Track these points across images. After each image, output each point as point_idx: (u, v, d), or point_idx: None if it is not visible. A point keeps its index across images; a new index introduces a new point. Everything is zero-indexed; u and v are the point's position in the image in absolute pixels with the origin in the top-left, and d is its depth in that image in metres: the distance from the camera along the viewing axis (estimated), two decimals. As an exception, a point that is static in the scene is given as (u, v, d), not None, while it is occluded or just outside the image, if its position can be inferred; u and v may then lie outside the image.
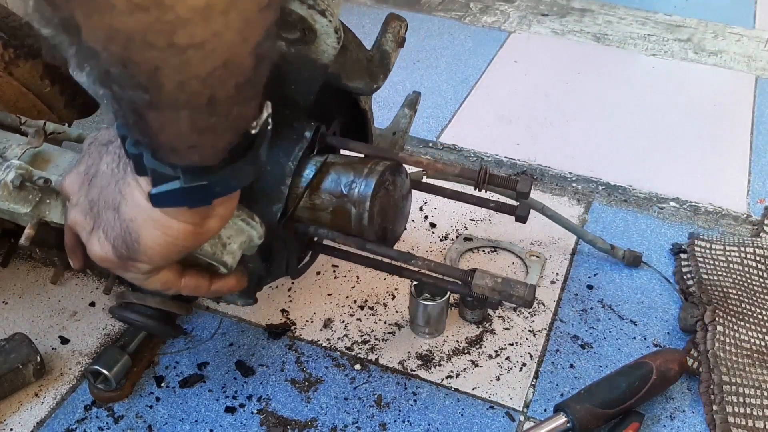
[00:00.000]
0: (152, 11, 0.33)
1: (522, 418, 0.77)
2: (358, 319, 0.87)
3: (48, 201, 0.65)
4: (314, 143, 0.67)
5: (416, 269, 0.71)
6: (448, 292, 0.83)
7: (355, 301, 0.90)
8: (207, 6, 0.33)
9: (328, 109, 0.72)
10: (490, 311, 0.88)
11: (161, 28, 0.34)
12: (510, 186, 0.69)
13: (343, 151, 0.78)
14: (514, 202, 0.74)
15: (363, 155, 0.72)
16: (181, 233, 0.49)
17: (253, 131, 0.46)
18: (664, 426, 0.76)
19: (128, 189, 0.49)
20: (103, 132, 0.56)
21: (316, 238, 0.75)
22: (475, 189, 0.71)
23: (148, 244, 0.50)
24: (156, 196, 0.46)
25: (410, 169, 0.93)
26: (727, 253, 0.95)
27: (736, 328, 0.85)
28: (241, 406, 0.77)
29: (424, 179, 0.94)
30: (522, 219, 0.69)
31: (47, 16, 0.36)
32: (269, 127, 0.48)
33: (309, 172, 0.67)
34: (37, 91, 0.85)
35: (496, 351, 0.84)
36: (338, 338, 0.85)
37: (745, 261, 0.94)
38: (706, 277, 0.92)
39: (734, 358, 0.81)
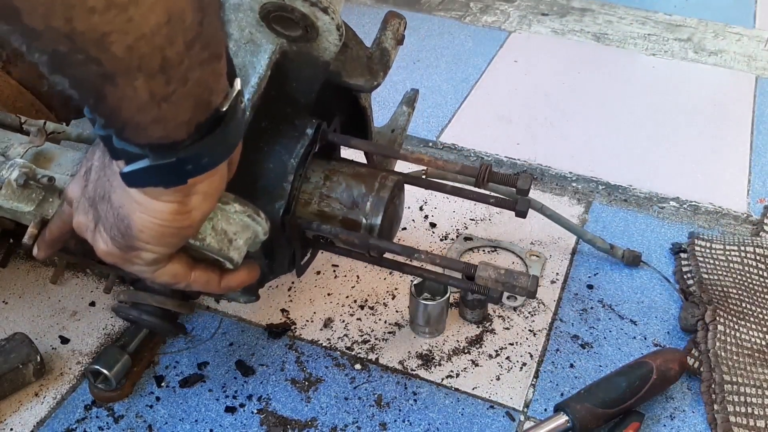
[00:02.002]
0: None
1: (522, 417, 0.77)
2: (358, 319, 0.87)
3: (51, 199, 0.65)
4: (315, 140, 0.67)
5: (419, 264, 0.71)
6: (449, 292, 0.83)
7: (355, 301, 0.90)
8: None
9: (329, 107, 0.72)
10: (491, 311, 0.88)
11: None
12: (510, 183, 0.69)
13: (343, 150, 0.78)
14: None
15: (365, 160, 0.73)
16: (167, 213, 0.49)
17: (223, 108, 0.46)
18: (665, 426, 0.76)
19: (114, 177, 0.49)
20: None
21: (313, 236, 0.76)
22: (476, 186, 0.71)
23: (139, 229, 0.49)
24: (128, 175, 0.46)
25: (412, 168, 0.93)
26: (728, 253, 0.95)
27: (736, 327, 0.84)
28: (241, 405, 0.77)
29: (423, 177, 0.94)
30: (522, 214, 0.69)
31: None
32: (242, 105, 0.48)
33: (318, 179, 0.68)
34: (35, 91, 0.85)
35: (497, 351, 0.84)
36: (338, 338, 0.85)
37: (746, 260, 0.94)
38: (706, 276, 0.92)
39: (735, 357, 0.81)
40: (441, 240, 0.99)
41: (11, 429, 0.74)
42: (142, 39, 0.37)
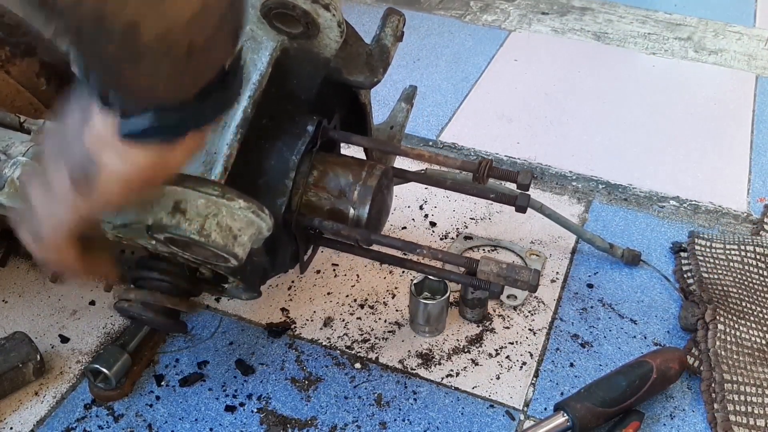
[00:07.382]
0: None
1: (522, 417, 0.77)
2: (358, 318, 0.87)
3: None
4: (316, 137, 0.67)
5: (421, 259, 0.71)
6: (449, 291, 0.83)
7: (355, 300, 0.89)
8: None
9: (329, 104, 0.72)
10: (490, 310, 0.88)
11: None
12: (511, 178, 0.69)
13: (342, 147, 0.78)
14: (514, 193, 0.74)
15: (365, 157, 0.73)
16: (142, 162, 0.47)
17: (227, 66, 0.45)
18: (665, 425, 0.76)
19: (95, 119, 0.47)
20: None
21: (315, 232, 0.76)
22: (474, 182, 0.71)
23: (107, 172, 0.47)
24: (126, 130, 0.45)
25: (412, 165, 0.93)
26: (728, 252, 0.95)
27: (736, 326, 0.84)
28: (241, 404, 0.77)
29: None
30: (522, 209, 0.69)
31: None
32: (241, 62, 0.48)
33: (305, 169, 0.68)
34: (33, 90, 0.85)
35: (496, 350, 0.84)
36: (338, 337, 0.84)
37: (746, 260, 0.94)
38: (706, 275, 0.92)
39: (735, 356, 0.81)
40: (441, 239, 0.99)
41: (11, 428, 0.74)
42: (175, 27, 0.36)
